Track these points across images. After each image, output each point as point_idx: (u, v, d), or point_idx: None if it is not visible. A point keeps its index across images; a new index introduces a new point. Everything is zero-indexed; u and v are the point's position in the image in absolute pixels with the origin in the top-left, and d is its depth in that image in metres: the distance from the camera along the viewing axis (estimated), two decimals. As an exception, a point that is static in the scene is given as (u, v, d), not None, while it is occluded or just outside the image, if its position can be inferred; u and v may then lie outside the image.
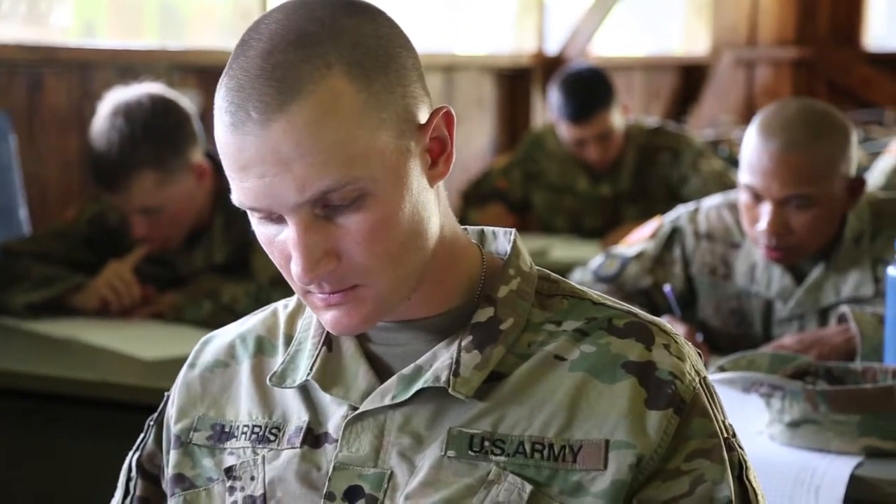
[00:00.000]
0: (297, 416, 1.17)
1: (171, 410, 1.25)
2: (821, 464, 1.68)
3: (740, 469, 1.12)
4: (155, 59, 3.48)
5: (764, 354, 1.86)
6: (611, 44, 5.70)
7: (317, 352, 1.17)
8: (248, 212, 1.09)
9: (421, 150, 1.09)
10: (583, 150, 3.85)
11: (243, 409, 1.20)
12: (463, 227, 1.19)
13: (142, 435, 1.29)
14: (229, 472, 1.18)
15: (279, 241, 1.08)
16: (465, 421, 1.11)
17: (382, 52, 1.07)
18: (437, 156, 1.11)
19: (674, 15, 6.30)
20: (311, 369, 1.16)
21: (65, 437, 2.32)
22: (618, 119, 3.83)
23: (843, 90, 6.72)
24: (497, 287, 1.15)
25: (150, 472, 1.27)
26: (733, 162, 4.25)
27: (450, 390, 1.10)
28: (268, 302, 2.48)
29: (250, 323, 1.27)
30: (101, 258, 2.69)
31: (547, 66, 5.00)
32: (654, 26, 6.30)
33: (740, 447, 1.13)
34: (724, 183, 3.74)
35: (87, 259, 2.73)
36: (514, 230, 1.20)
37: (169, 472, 1.23)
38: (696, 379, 1.12)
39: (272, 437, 1.17)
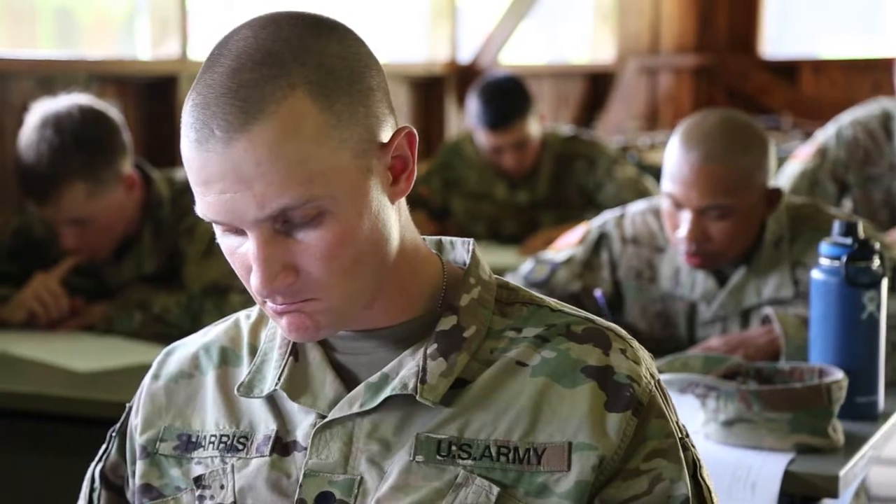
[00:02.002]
0: (265, 424, 1.19)
1: (135, 421, 1.26)
2: (755, 461, 1.74)
3: (695, 468, 1.16)
4: (74, 69, 3.45)
5: (697, 356, 1.92)
6: (519, 52, 5.76)
7: (284, 362, 1.19)
8: (213, 224, 1.12)
9: (382, 169, 1.12)
10: (500, 157, 3.90)
11: (210, 418, 1.22)
12: (422, 237, 1.23)
13: (104, 446, 1.30)
14: (198, 481, 1.20)
15: (240, 252, 1.11)
16: (432, 427, 1.14)
17: (347, 72, 1.09)
18: (399, 173, 1.13)
19: (580, 23, 6.39)
20: (278, 379, 1.18)
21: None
22: (535, 127, 3.88)
23: (742, 97, 6.87)
24: (459, 296, 1.18)
25: (113, 483, 1.28)
26: (642, 168, 4.35)
27: (417, 397, 1.13)
28: (200, 312, 2.53)
29: (213, 334, 1.28)
30: (26, 271, 2.66)
31: (460, 75, 5.04)
32: (561, 35, 6.38)
33: (693, 446, 1.18)
34: (639, 189, 3.82)
35: (11, 271, 2.70)
36: (471, 240, 1.24)
37: (136, 482, 1.24)
38: (652, 382, 1.16)
39: (240, 446, 1.19)
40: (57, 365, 2.35)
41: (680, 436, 1.16)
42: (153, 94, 3.76)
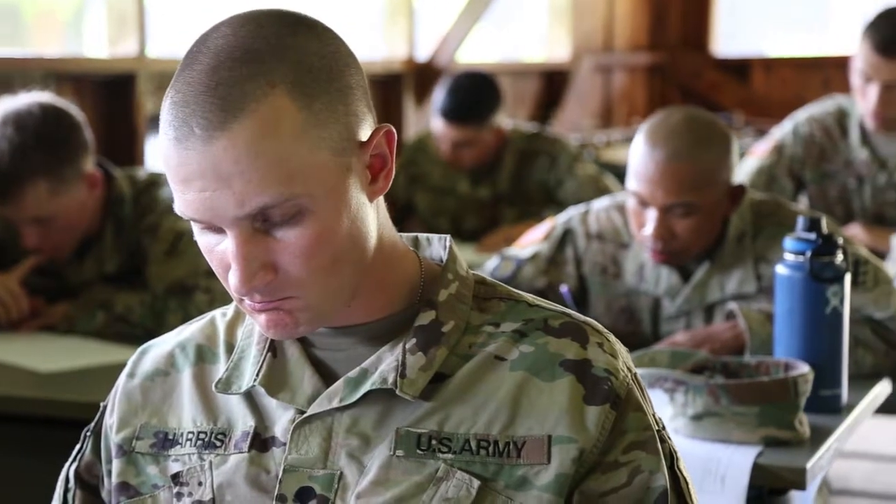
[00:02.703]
0: (243, 421, 1.19)
1: (111, 420, 1.26)
2: (724, 454, 1.76)
3: (672, 459, 1.18)
4: (30, 67, 3.43)
5: (664, 351, 1.93)
6: (475, 51, 5.77)
7: (262, 358, 1.19)
8: (191, 221, 1.12)
9: (361, 167, 1.12)
10: (449, 149, 3.89)
11: (187, 416, 1.22)
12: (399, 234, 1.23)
13: (78, 445, 1.30)
14: (176, 478, 1.19)
15: (219, 250, 1.11)
16: (412, 421, 1.14)
17: (326, 70, 1.09)
18: (378, 172, 1.14)
19: (534, 22, 6.41)
20: (257, 375, 1.18)
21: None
22: (490, 133, 3.86)
23: (694, 95, 6.92)
24: (437, 291, 1.18)
25: (88, 483, 1.28)
26: (599, 166, 4.37)
27: (397, 391, 1.13)
28: (164, 311, 2.52)
29: (188, 332, 1.28)
30: (-16, 271, 2.64)
31: (418, 73, 5.05)
32: (516, 33, 6.40)
33: (669, 438, 1.19)
34: (598, 187, 3.84)
35: None
36: (448, 237, 1.25)
37: (113, 480, 1.24)
38: (629, 375, 1.17)
39: (218, 443, 1.19)
40: (19, 366, 2.33)
41: (657, 428, 1.17)
42: (111, 93, 3.74)
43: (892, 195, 3.46)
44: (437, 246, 1.24)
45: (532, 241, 2.46)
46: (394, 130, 1.15)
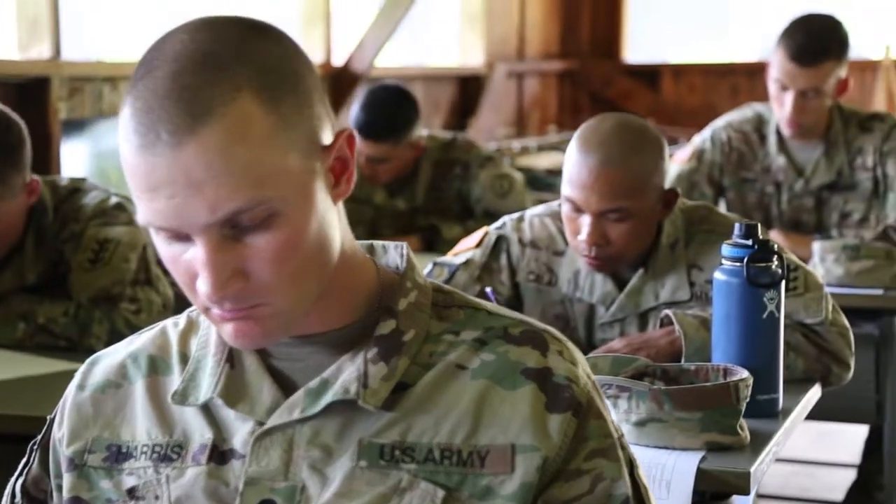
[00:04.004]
0: (200, 433, 1.17)
1: (59, 433, 1.24)
2: (668, 460, 1.76)
3: (631, 467, 1.18)
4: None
5: (605, 357, 1.94)
6: (389, 56, 5.76)
7: (219, 369, 1.18)
8: (153, 231, 1.09)
9: (325, 171, 1.11)
10: (373, 167, 3.84)
11: (141, 428, 1.20)
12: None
13: (25, 459, 1.28)
14: (132, 492, 1.18)
15: (185, 260, 1.08)
16: (374, 431, 1.13)
17: (290, 74, 1.09)
18: (339, 175, 1.13)
19: (448, 28, 6.41)
20: (215, 386, 1.16)
21: None
22: (407, 149, 3.81)
23: (606, 102, 6.99)
24: (397, 300, 1.18)
25: (35, 497, 1.26)
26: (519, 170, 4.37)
27: (360, 402, 1.12)
28: (88, 322, 2.46)
29: (139, 342, 1.26)
30: None
31: (334, 78, 5.02)
32: (429, 39, 6.39)
33: (628, 446, 1.19)
34: (498, 192, 3.82)
35: None
36: (404, 244, 1.24)
37: (64, 495, 1.21)
38: (589, 382, 1.17)
39: (174, 456, 1.18)
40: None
41: (617, 435, 1.17)
42: (23, 97, 3.66)
43: (808, 201, 3.52)
44: (394, 254, 1.23)
45: (465, 248, 2.46)
46: (355, 134, 1.14)
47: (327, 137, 1.11)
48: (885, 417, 3.01)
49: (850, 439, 4.21)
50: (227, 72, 1.05)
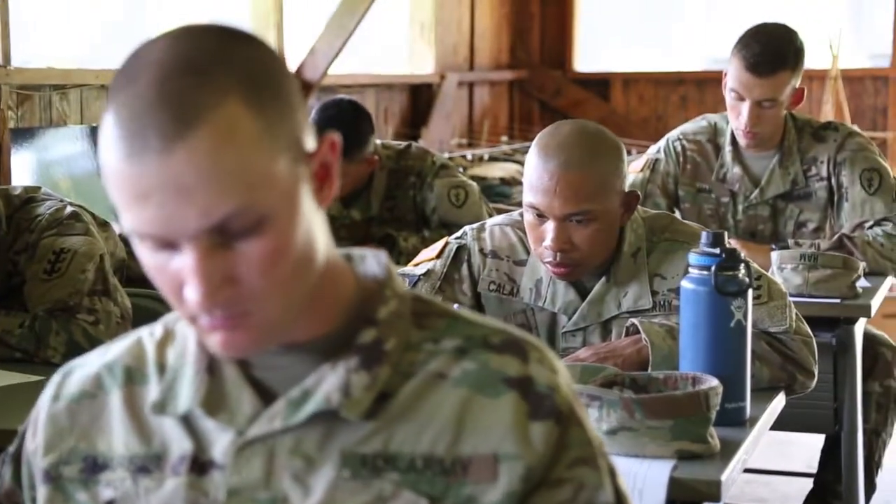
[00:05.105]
0: (179, 444, 1.16)
1: (33, 445, 1.22)
2: (640, 469, 1.76)
3: (611, 475, 1.17)
4: None
5: (573, 366, 1.93)
6: (340, 63, 5.73)
7: (198, 378, 1.16)
8: (137, 240, 1.07)
9: (309, 176, 1.10)
10: None
11: (117, 439, 1.18)
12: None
13: (-3, 472, 1.25)
14: None
15: (171, 268, 1.07)
16: (356, 441, 1.12)
17: (272, 79, 1.08)
18: (322, 181, 1.12)
19: (398, 37, 6.40)
20: (194, 396, 1.15)
21: None
22: (368, 154, 3.76)
23: (556, 111, 7.01)
24: (376, 308, 1.17)
25: (8, 510, 1.24)
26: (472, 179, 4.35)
27: (342, 412, 1.11)
28: (45, 333, 2.42)
29: (114, 353, 1.24)
30: None
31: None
32: (380, 47, 6.38)
33: (607, 454, 1.19)
34: (450, 201, 3.81)
35: None
36: (383, 252, 1.23)
37: None
38: (569, 390, 1.17)
39: (153, 467, 1.16)
40: None
41: (598, 443, 1.17)
42: (-28, 105, 3.60)
43: (764, 211, 3.54)
44: (372, 262, 1.22)
45: (425, 258, 2.45)
46: (338, 140, 1.13)
47: (310, 142, 1.11)
48: (842, 426, 3.04)
49: (806, 448, 4.24)
50: (212, 77, 1.04)
